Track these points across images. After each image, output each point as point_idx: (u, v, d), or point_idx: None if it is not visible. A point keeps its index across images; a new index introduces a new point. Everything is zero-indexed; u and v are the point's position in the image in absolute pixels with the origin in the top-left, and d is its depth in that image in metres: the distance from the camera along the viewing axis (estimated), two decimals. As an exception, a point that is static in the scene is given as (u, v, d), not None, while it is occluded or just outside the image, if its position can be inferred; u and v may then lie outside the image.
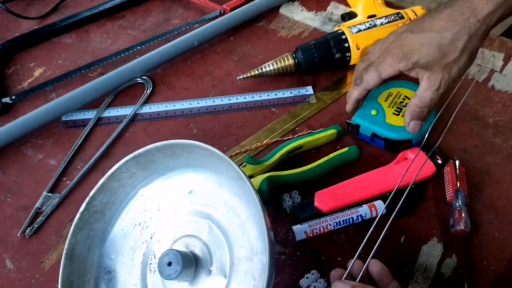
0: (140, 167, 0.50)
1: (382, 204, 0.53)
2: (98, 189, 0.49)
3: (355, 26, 0.68)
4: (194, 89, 0.70)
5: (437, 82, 0.50)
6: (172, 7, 0.84)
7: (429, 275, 0.50)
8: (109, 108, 0.68)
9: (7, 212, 0.58)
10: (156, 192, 0.52)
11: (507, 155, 0.60)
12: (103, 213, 0.51)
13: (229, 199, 0.48)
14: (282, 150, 0.58)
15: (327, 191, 0.54)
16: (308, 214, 0.53)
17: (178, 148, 0.47)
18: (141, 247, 0.50)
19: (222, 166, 0.45)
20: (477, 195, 0.56)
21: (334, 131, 0.60)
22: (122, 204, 0.52)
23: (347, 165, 0.59)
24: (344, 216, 0.52)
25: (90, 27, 0.81)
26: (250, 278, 0.43)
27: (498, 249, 0.51)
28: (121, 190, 0.51)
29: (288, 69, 0.68)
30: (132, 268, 0.50)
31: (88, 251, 0.49)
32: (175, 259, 0.43)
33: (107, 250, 0.51)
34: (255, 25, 0.79)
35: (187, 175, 0.51)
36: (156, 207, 0.51)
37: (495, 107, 0.65)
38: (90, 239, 0.50)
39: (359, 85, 0.55)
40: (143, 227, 0.51)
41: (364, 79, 0.54)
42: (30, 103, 0.69)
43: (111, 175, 0.49)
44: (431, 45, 0.49)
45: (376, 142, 0.59)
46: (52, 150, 0.63)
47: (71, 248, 0.48)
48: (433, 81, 0.50)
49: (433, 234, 0.53)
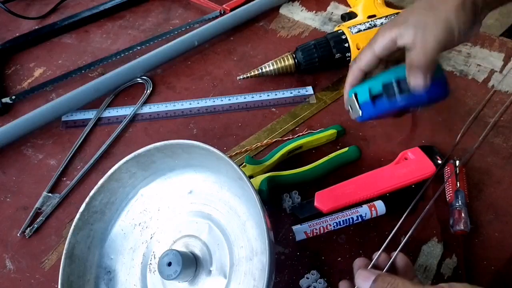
0: (140, 167, 0.50)
1: (382, 204, 0.53)
2: (98, 189, 0.49)
3: (355, 26, 0.68)
4: (194, 89, 0.70)
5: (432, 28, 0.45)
6: (172, 7, 0.84)
7: (429, 275, 0.50)
8: (109, 108, 0.68)
9: (7, 212, 0.58)
10: (156, 192, 0.52)
11: (507, 155, 0.60)
12: (103, 213, 0.51)
13: (229, 199, 0.48)
14: (282, 150, 0.58)
15: (327, 191, 0.54)
16: (308, 214, 0.53)
17: (178, 148, 0.47)
18: (141, 247, 0.51)
19: (222, 166, 0.45)
20: (477, 195, 0.56)
21: (334, 131, 0.60)
22: (122, 204, 0.52)
23: (347, 165, 0.59)
24: (344, 217, 0.52)
25: (90, 27, 0.81)
26: (250, 278, 0.43)
27: (498, 249, 0.51)
28: (121, 190, 0.51)
29: (288, 69, 0.68)
30: (132, 268, 0.50)
31: (88, 251, 0.49)
32: (175, 259, 0.43)
33: (107, 250, 0.51)
34: (255, 25, 0.79)
35: (187, 175, 0.51)
36: (156, 207, 0.52)
37: (495, 107, 0.65)
38: (90, 239, 0.50)
39: (351, 66, 0.51)
40: (143, 227, 0.51)
41: (357, 57, 0.50)
42: (30, 103, 0.69)
43: (111, 175, 0.49)
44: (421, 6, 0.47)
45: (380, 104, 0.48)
46: (52, 150, 0.63)
47: (71, 248, 0.48)
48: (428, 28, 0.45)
49: (433, 234, 0.53)
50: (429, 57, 0.45)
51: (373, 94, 0.47)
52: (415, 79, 0.45)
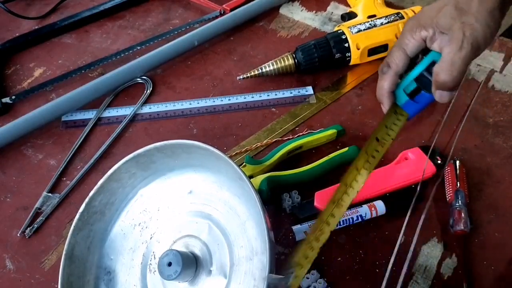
0: (140, 167, 0.50)
1: (382, 204, 0.53)
2: (97, 189, 0.49)
3: (355, 26, 0.68)
4: (194, 89, 0.70)
5: (459, 41, 0.44)
6: (172, 7, 0.84)
7: (429, 275, 0.50)
8: (109, 108, 0.68)
9: (7, 212, 0.57)
10: (156, 192, 0.52)
11: (507, 155, 0.60)
12: (102, 213, 0.50)
13: (228, 199, 0.48)
14: (282, 150, 0.58)
15: (327, 191, 0.54)
16: (308, 214, 0.53)
17: (177, 148, 0.47)
18: (141, 247, 0.50)
19: (222, 166, 0.45)
20: (477, 195, 0.56)
21: (334, 131, 0.60)
22: (121, 205, 0.52)
23: (347, 165, 0.58)
24: (344, 216, 0.52)
25: (90, 27, 0.81)
26: (250, 278, 0.43)
27: (498, 249, 0.51)
28: (121, 190, 0.51)
29: (288, 69, 0.68)
30: (132, 269, 0.50)
31: (88, 252, 0.49)
32: (175, 260, 0.43)
33: (107, 251, 0.51)
34: (255, 25, 0.79)
35: (186, 175, 0.51)
36: (155, 207, 0.51)
37: (495, 107, 0.65)
38: (89, 239, 0.50)
39: (386, 72, 0.49)
40: (143, 228, 0.51)
41: (390, 62, 0.49)
42: (30, 103, 0.69)
43: (111, 176, 0.49)
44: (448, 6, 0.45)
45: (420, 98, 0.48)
46: (52, 150, 0.63)
47: (71, 248, 0.48)
48: (454, 41, 0.44)
49: (433, 234, 0.53)
50: (456, 79, 0.44)
51: (409, 92, 0.48)
52: (441, 97, 0.46)
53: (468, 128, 0.62)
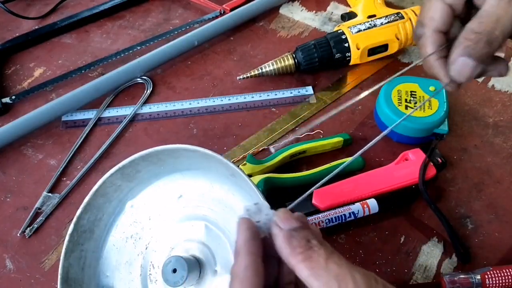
0: (125, 178, 0.48)
1: (374, 201, 0.53)
2: (84, 207, 0.47)
3: (355, 26, 0.68)
4: (194, 89, 0.70)
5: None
6: (172, 7, 0.84)
7: (429, 275, 0.50)
8: (109, 108, 0.68)
9: (7, 212, 0.57)
10: (144, 201, 0.50)
11: (507, 155, 0.60)
12: (91, 231, 0.49)
13: (222, 197, 0.47)
14: (284, 153, 0.57)
15: (326, 189, 0.54)
16: (305, 212, 0.53)
17: (163, 155, 0.46)
18: (137, 259, 0.49)
19: (212, 166, 0.45)
20: (477, 195, 0.56)
21: (340, 139, 0.59)
22: (110, 219, 0.50)
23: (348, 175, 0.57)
24: (337, 214, 0.52)
25: (90, 27, 0.81)
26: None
27: (498, 249, 0.51)
28: (107, 205, 0.49)
29: (288, 69, 0.68)
30: (131, 282, 0.48)
31: (83, 273, 0.48)
32: (179, 265, 0.42)
33: (102, 268, 0.49)
34: (255, 25, 0.79)
35: (174, 180, 0.49)
36: (146, 217, 0.50)
37: (495, 107, 0.65)
38: (82, 259, 0.48)
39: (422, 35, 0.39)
40: (136, 239, 0.50)
41: (422, 18, 0.39)
42: (30, 103, 0.69)
43: (96, 191, 0.47)
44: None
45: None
46: (52, 150, 0.63)
47: (66, 272, 0.46)
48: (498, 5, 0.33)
49: (433, 234, 0.53)
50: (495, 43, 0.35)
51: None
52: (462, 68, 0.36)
53: (468, 128, 0.62)
